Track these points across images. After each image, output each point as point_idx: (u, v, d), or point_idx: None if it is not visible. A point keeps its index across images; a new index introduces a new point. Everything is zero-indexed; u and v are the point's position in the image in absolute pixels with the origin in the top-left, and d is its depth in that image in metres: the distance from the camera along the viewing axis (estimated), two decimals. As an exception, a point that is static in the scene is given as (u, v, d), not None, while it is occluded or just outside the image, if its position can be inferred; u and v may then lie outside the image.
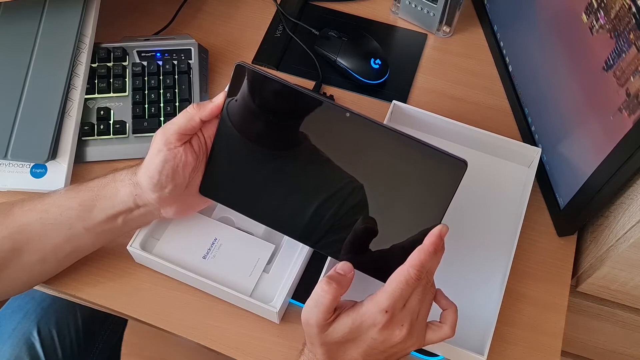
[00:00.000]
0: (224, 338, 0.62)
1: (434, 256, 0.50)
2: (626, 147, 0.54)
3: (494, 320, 0.59)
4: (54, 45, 0.71)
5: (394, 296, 0.49)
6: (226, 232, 0.64)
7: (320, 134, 0.54)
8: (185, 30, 0.83)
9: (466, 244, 0.66)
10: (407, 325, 0.50)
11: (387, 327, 0.49)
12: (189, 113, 0.55)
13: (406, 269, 0.49)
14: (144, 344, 1.24)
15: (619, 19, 0.54)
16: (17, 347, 0.78)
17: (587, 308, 0.77)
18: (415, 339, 0.51)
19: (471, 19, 0.85)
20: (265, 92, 0.54)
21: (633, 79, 0.52)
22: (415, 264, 0.49)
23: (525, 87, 0.75)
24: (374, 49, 0.78)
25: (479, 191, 0.69)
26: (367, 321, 0.49)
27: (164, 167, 0.55)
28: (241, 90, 0.54)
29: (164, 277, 0.64)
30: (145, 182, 0.56)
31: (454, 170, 0.51)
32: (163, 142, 0.55)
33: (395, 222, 0.54)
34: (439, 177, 0.51)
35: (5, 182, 0.67)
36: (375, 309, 0.49)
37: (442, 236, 0.51)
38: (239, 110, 0.55)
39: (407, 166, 0.52)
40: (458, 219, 0.66)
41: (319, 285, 0.50)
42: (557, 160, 0.68)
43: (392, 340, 0.50)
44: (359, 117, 0.52)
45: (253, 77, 0.54)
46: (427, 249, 0.50)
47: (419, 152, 0.51)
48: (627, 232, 0.59)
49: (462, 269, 0.64)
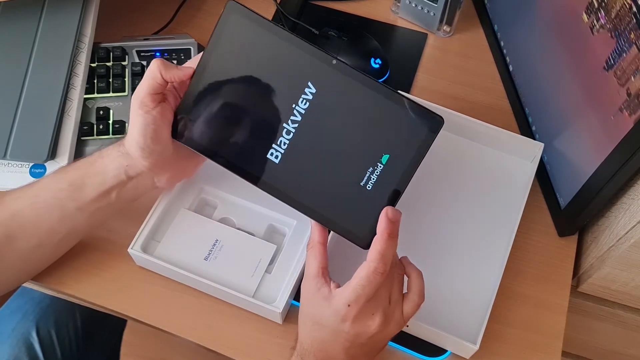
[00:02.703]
0: (225, 339, 0.62)
1: (391, 241, 0.49)
2: (627, 147, 0.54)
3: (489, 307, 0.60)
4: (53, 44, 0.71)
5: (356, 291, 0.48)
6: (227, 233, 0.64)
7: (312, 82, 0.53)
8: (184, 29, 0.82)
9: (465, 235, 0.66)
10: (379, 314, 0.50)
11: (358, 319, 0.49)
12: (152, 72, 0.54)
13: (367, 265, 0.49)
14: (144, 344, 1.24)
15: (620, 18, 0.54)
16: (16, 347, 0.78)
17: (587, 308, 0.77)
18: (393, 323, 0.51)
19: (471, 18, 0.85)
20: (261, 37, 0.53)
21: (634, 79, 0.52)
22: (373, 257, 0.48)
23: (525, 87, 0.74)
24: (374, 49, 0.78)
25: (480, 184, 0.69)
26: (337, 315, 0.49)
27: (147, 130, 0.55)
28: (231, 32, 0.53)
29: (163, 277, 0.64)
30: (134, 148, 0.56)
31: (429, 127, 0.50)
32: (138, 106, 0.54)
33: (358, 172, 0.53)
34: (414, 134, 0.51)
35: (5, 182, 0.67)
36: (340, 303, 0.49)
37: (392, 219, 0.49)
38: (228, 54, 0.54)
39: (381, 118, 0.52)
40: (458, 211, 0.67)
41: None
42: (557, 160, 0.68)
43: (368, 332, 0.50)
44: (344, 65, 0.52)
45: (247, 18, 0.53)
46: (382, 238, 0.49)
47: (396, 104, 0.51)
48: (627, 233, 0.59)
49: (459, 259, 0.65)
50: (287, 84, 0.53)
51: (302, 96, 0.53)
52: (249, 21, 0.53)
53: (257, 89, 0.54)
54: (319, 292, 0.51)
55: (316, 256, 0.52)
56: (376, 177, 0.52)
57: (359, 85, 0.52)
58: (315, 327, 0.51)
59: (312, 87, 0.52)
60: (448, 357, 0.61)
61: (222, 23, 0.54)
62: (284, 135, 0.54)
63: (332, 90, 0.52)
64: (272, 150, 0.54)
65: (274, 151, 0.54)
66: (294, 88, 0.53)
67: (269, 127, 0.54)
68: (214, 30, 0.54)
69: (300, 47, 0.52)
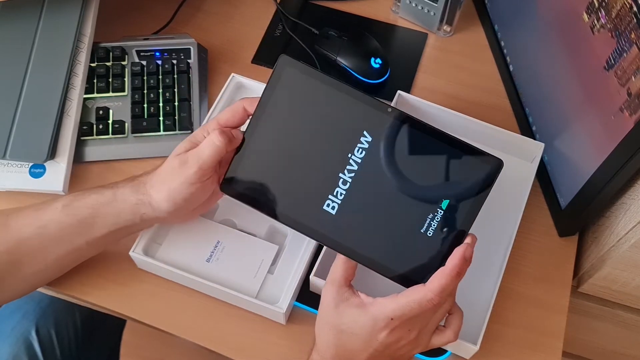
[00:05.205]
0: (228, 340, 0.62)
1: (457, 280, 0.48)
2: (627, 147, 0.54)
3: (490, 307, 0.60)
4: (53, 44, 0.71)
5: (403, 309, 0.48)
6: (229, 234, 0.64)
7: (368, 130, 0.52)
8: (184, 29, 0.82)
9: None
10: (414, 332, 0.50)
11: (395, 332, 0.49)
12: (217, 146, 0.53)
13: (424, 292, 0.48)
14: (143, 344, 1.24)
15: (620, 18, 0.53)
16: (15, 346, 0.78)
17: (588, 309, 0.77)
18: (421, 343, 0.51)
19: (472, 18, 0.85)
20: (313, 89, 0.53)
21: (634, 79, 0.52)
22: (434, 288, 0.48)
23: (526, 87, 0.74)
24: (374, 49, 0.78)
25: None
26: (375, 324, 0.49)
27: (192, 196, 0.55)
28: (284, 85, 0.53)
29: (164, 279, 0.64)
30: (166, 206, 0.55)
31: (489, 170, 0.50)
32: (198, 178, 0.54)
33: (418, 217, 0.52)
34: (473, 177, 0.51)
35: (4, 182, 0.67)
36: (382, 313, 0.49)
37: (467, 258, 0.49)
38: (282, 107, 0.54)
39: (439, 163, 0.51)
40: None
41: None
42: (558, 160, 0.68)
43: (399, 345, 0.50)
44: (400, 112, 0.51)
45: (299, 71, 0.52)
46: (450, 273, 0.48)
47: (454, 148, 0.51)
48: (628, 233, 0.59)
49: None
50: (342, 134, 0.53)
51: (358, 145, 0.52)
52: (302, 74, 0.53)
53: (312, 140, 0.53)
54: (348, 302, 0.51)
55: (347, 269, 0.52)
56: (437, 224, 0.51)
57: (415, 132, 0.51)
58: (342, 335, 0.51)
59: (368, 136, 0.52)
60: (448, 357, 0.61)
61: (275, 77, 0.53)
62: (340, 185, 0.53)
63: (389, 138, 0.52)
64: (329, 202, 0.53)
65: (330, 202, 0.53)
66: (349, 138, 0.52)
67: (324, 178, 0.53)
68: (267, 83, 0.54)
69: (354, 96, 0.52)
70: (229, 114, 0.55)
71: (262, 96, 0.54)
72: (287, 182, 0.54)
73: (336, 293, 0.51)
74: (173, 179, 0.55)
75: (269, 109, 0.54)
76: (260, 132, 0.55)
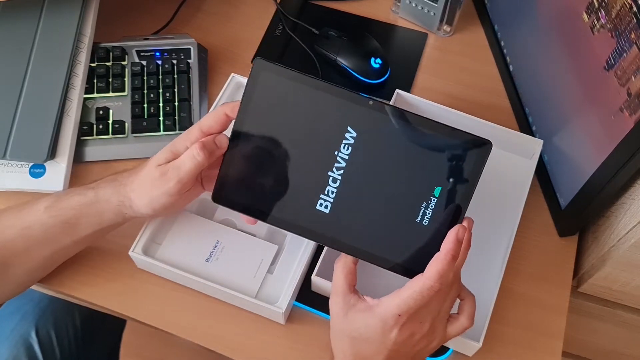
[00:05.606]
0: (227, 339, 0.62)
1: (453, 263, 0.48)
2: (627, 147, 0.54)
3: (491, 306, 0.59)
4: (53, 44, 0.71)
5: (407, 303, 0.48)
6: (228, 234, 0.64)
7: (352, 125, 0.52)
8: (184, 29, 0.82)
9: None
10: (427, 322, 0.49)
11: (406, 326, 0.49)
12: (197, 161, 0.53)
13: (423, 281, 0.48)
14: (143, 344, 1.24)
15: (620, 18, 0.53)
16: (15, 347, 0.77)
17: (588, 309, 0.77)
18: (437, 335, 0.51)
19: (472, 18, 0.85)
20: (292, 90, 0.52)
21: (634, 79, 0.52)
22: (431, 275, 0.48)
23: (526, 87, 0.74)
24: (374, 49, 0.78)
25: (480, 183, 0.68)
26: (384, 324, 0.49)
27: (172, 205, 0.56)
28: (261, 89, 0.52)
29: (164, 279, 0.64)
30: (146, 211, 0.56)
31: (478, 152, 0.50)
32: (177, 190, 0.54)
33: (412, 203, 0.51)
34: (463, 161, 0.50)
35: (4, 182, 0.67)
36: (388, 311, 0.48)
37: (460, 240, 0.48)
38: (262, 112, 0.53)
39: (427, 151, 0.51)
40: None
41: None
42: (558, 160, 0.68)
43: (414, 339, 0.50)
44: (382, 104, 0.51)
45: (275, 73, 0.52)
46: (444, 257, 0.48)
47: (440, 134, 0.50)
48: (628, 233, 0.59)
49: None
50: (326, 131, 0.52)
51: (344, 141, 0.52)
52: (278, 76, 0.52)
53: (297, 142, 0.53)
54: (355, 307, 0.50)
55: (347, 275, 0.51)
56: (431, 212, 0.51)
57: (400, 122, 0.51)
58: (356, 341, 0.51)
59: (352, 131, 0.51)
60: (450, 355, 0.61)
61: (251, 82, 0.52)
62: (331, 183, 0.52)
63: (373, 131, 0.51)
64: (321, 201, 0.52)
65: (323, 201, 0.52)
66: (334, 135, 0.52)
67: (314, 178, 0.52)
68: (245, 89, 0.53)
69: (333, 93, 0.51)
70: (211, 121, 0.55)
71: (241, 102, 0.53)
72: (277, 186, 0.54)
73: (342, 302, 0.51)
74: (153, 189, 0.55)
75: (250, 114, 0.53)
76: (244, 139, 0.54)
